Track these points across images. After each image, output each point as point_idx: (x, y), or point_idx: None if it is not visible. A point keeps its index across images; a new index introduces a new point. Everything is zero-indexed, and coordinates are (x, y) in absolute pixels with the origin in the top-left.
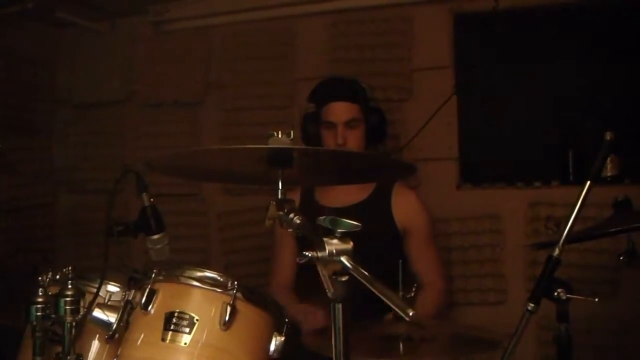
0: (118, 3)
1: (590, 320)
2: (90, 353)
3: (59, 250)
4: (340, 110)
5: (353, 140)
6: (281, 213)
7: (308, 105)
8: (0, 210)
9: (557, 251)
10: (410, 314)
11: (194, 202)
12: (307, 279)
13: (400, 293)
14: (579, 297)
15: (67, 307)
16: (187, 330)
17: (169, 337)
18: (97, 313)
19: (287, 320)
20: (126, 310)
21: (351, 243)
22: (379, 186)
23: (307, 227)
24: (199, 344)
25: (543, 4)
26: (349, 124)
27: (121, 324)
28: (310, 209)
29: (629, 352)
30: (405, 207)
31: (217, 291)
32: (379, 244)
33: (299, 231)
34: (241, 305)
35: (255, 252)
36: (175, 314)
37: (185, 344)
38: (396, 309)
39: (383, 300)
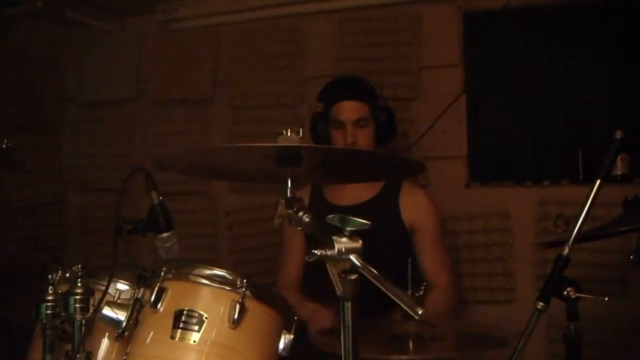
0: (127, 2)
1: (599, 319)
2: (99, 351)
3: (69, 248)
4: (349, 109)
5: (363, 139)
6: (290, 211)
7: (317, 104)
8: (10, 208)
9: (566, 250)
10: (420, 312)
11: (203, 200)
12: (315, 279)
13: (410, 291)
14: (588, 296)
15: (77, 305)
16: (196, 328)
17: (178, 335)
18: (107, 311)
19: (296, 318)
20: (135, 308)
21: (360, 241)
22: (387, 184)
23: (316, 226)
24: (208, 342)
25: (553, 2)
26: (359, 123)
27: (130, 322)
28: (319, 207)
29: (639, 352)
30: (413, 205)
31: (226, 289)
32: (387, 242)
33: (308, 230)
34: (250, 304)
35: (264, 250)
36: (185, 312)
37: (194, 342)
38: (405, 308)
39: (391, 298)
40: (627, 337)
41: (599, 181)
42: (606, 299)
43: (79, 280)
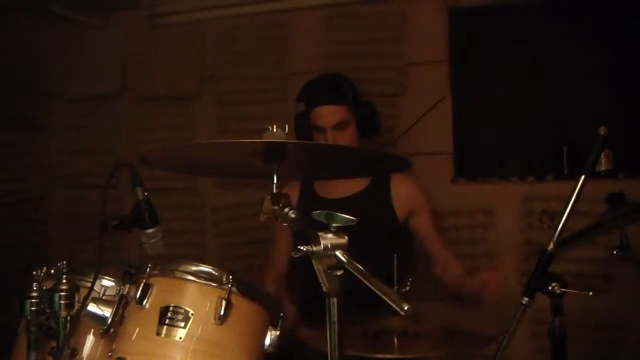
0: None
1: (584, 314)
2: (85, 347)
3: (53, 244)
4: (327, 114)
5: (343, 141)
6: (276, 207)
7: (298, 104)
8: None
9: (551, 245)
10: (406, 308)
11: (189, 196)
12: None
13: (395, 287)
14: (573, 291)
15: (62, 302)
16: (182, 324)
17: (164, 332)
18: (92, 307)
19: (282, 314)
20: (121, 304)
21: (346, 237)
22: (376, 175)
23: (302, 222)
24: (194, 339)
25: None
26: (338, 127)
27: (116, 319)
28: (310, 201)
29: (623, 346)
30: (405, 191)
31: (212, 285)
32: (379, 232)
33: (294, 226)
34: (236, 300)
35: (250, 246)
36: (170, 308)
37: (180, 338)
38: (391, 304)
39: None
40: (611, 331)
41: (583, 177)
42: (590, 293)
43: (64, 276)
